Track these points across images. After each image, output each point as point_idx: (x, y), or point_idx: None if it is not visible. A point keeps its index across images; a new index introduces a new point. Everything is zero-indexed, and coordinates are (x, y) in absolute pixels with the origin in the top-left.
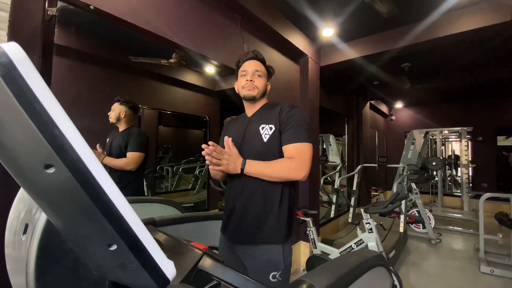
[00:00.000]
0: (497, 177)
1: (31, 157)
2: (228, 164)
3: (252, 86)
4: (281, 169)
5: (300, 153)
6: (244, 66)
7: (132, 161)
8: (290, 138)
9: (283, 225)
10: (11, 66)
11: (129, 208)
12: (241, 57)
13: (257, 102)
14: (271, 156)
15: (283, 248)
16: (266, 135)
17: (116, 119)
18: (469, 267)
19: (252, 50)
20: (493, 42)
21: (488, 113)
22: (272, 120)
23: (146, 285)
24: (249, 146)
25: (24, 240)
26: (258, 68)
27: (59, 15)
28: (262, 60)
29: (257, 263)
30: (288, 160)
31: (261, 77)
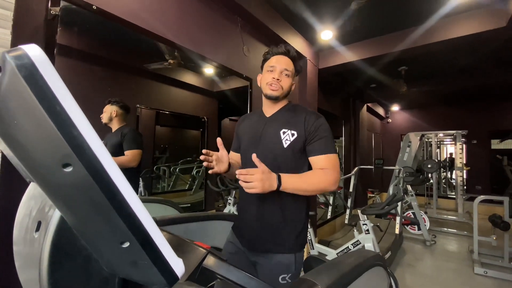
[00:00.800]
0: (491, 180)
1: (49, 156)
2: (263, 184)
3: (277, 86)
4: (317, 182)
5: (332, 164)
6: (272, 61)
7: (133, 158)
8: (321, 149)
9: (300, 235)
10: (33, 67)
11: (141, 206)
12: (271, 49)
13: (278, 102)
14: (288, 161)
15: (295, 256)
16: (287, 140)
17: (108, 119)
18: (463, 268)
19: (285, 45)
20: (489, 47)
21: (482, 116)
22: (296, 127)
23: (156, 282)
24: (266, 149)
25: (37, 237)
26: (288, 66)
27: (62, 15)
28: (293, 58)
29: (268, 267)
30: (323, 173)
31: (289, 77)
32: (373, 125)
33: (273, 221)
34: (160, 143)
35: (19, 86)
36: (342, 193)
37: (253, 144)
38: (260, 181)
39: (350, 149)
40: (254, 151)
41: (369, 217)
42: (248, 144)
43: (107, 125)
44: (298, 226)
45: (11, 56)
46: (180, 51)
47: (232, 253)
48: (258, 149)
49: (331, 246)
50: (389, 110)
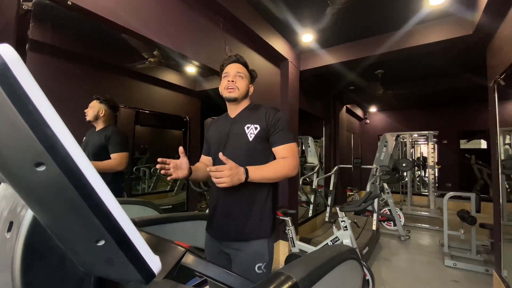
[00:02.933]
0: (460, 178)
1: (22, 155)
2: (232, 178)
3: (233, 88)
4: (280, 169)
5: (292, 152)
6: (226, 69)
7: (120, 162)
8: (281, 140)
9: (268, 220)
10: (5, 67)
11: (117, 205)
12: (224, 61)
13: (240, 104)
14: (256, 153)
15: (267, 241)
16: (251, 134)
17: (94, 117)
18: (434, 261)
19: (235, 54)
20: (458, 52)
21: (452, 118)
22: (258, 121)
23: (132, 279)
24: (234, 145)
25: (9, 237)
26: (240, 70)
27: (35, 10)
28: (244, 64)
29: (243, 256)
30: (284, 161)
31: (243, 78)
32: (352, 126)
33: (241, 209)
34: (140, 143)
35: None
36: (323, 192)
37: (221, 143)
38: (228, 176)
39: (330, 149)
40: (223, 150)
41: (348, 214)
42: (217, 145)
43: (91, 122)
44: (265, 212)
45: None
46: (160, 49)
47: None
48: (226, 147)
49: (312, 243)
50: (367, 111)
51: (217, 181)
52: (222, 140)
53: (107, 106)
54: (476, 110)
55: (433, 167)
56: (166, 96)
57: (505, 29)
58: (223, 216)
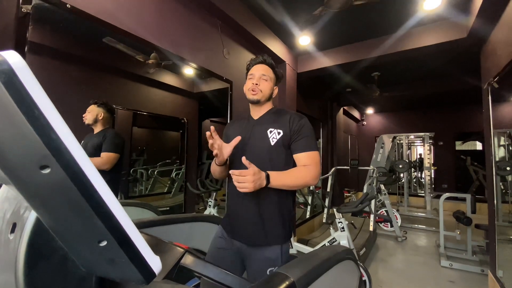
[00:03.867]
0: (455, 179)
1: (27, 158)
2: (255, 184)
3: (257, 90)
4: (301, 177)
5: (314, 161)
6: (252, 70)
7: (107, 161)
8: (304, 147)
9: (287, 227)
10: (12, 73)
11: (118, 206)
12: (251, 60)
13: (263, 106)
14: (277, 158)
15: (281, 247)
16: (274, 139)
17: (93, 121)
18: (431, 261)
19: (262, 55)
20: (453, 55)
21: (448, 120)
22: (281, 126)
23: (133, 279)
24: (255, 148)
25: (12, 238)
26: (265, 72)
27: (34, 13)
28: (270, 65)
29: (256, 261)
30: (305, 169)
31: (267, 81)
32: (349, 128)
33: (262, 213)
34: (137, 145)
35: None
36: (320, 193)
37: (242, 144)
38: (251, 182)
39: (327, 150)
40: (243, 151)
41: (345, 215)
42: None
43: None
44: (284, 218)
45: None
46: (158, 51)
47: (220, 248)
48: (247, 149)
49: (310, 244)
50: (364, 113)
51: (239, 186)
52: (243, 141)
53: (105, 110)
54: (471, 112)
55: (429, 169)
56: (163, 98)
57: (498, 33)
58: (244, 218)
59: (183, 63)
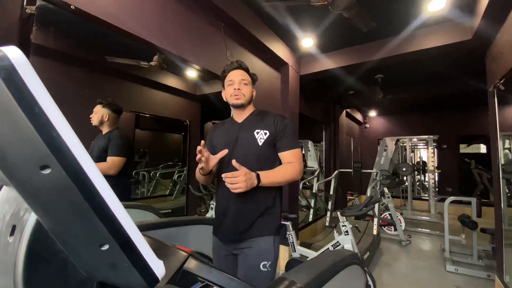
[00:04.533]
0: (460, 182)
1: (27, 158)
2: (247, 184)
3: (239, 95)
4: (288, 173)
5: (297, 157)
6: (230, 76)
7: (112, 166)
8: (288, 145)
9: (275, 219)
10: (12, 69)
11: (121, 209)
12: (226, 67)
13: (246, 109)
14: (266, 157)
15: (273, 239)
16: (261, 139)
17: (99, 122)
18: (436, 266)
19: (236, 60)
20: (457, 57)
21: (452, 122)
22: (267, 127)
23: (135, 284)
24: (244, 150)
25: (11, 241)
26: (243, 77)
27: (38, 14)
28: (246, 69)
29: (250, 254)
30: (291, 166)
31: (247, 85)
32: (352, 130)
33: (251, 210)
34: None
35: None
36: (323, 196)
37: (229, 147)
38: (244, 182)
39: (330, 153)
40: (232, 154)
41: (349, 218)
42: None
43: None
44: (273, 215)
45: None
46: (161, 53)
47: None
48: (235, 151)
49: (313, 248)
50: (366, 115)
51: (232, 187)
52: (230, 145)
53: (111, 110)
54: (476, 115)
55: (433, 172)
56: (166, 100)
57: (504, 34)
58: (233, 218)
59: (186, 65)
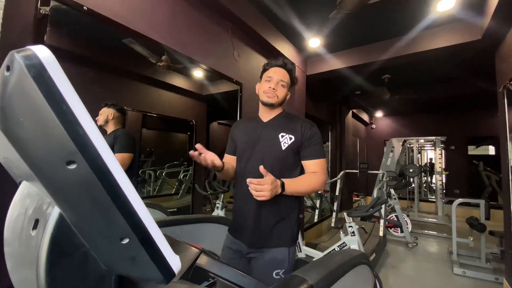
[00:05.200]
0: (468, 184)
1: (54, 153)
2: (272, 191)
3: (273, 94)
4: (312, 184)
5: (322, 168)
6: (270, 72)
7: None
8: (314, 154)
9: (293, 229)
10: (42, 68)
11: (141, 204)
12: (270, 61)
13: (274, 109)
14: (285, 162)
15: (289, 250)
16: (285, 143)
17: (104, 121)
18: (443, 269)
19: (283, 58)
20: (465, 58)
21: (460, 123)
22: (293, 132)
23: (153, 278)
24: (265, 150)
25: (34, 235)
26: (284, 78)
27: (51, 15)
28: (289, 70)
29: (263, 261)
30: (316, 176)
31: (284, 87)
32: (358, 131)
33: (269, 218)
34: (146, 146)
35: (28, 85)
36: (328, 197)
37: (250, 146)
38: (269, 191)
39: (336, 154)
40: (252, 153)
41: (355, 219)
42: (245, 146)
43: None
44: (291, 222)
45: (20, 56)
46: (169, 53)
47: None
48: (255, 151)
49: (318, 248)
50: (373, 116)
51: (257, 194)
52: (252, 143)
53: (115, 110)
54: (485, 116)
55: (440, 173)
56: (173, 100)
57: None
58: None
59: (194, 65)
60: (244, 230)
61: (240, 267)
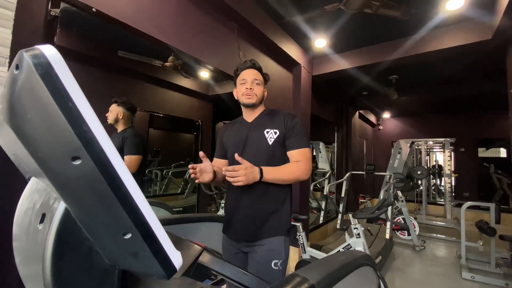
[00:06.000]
0: (478, 187)
1: (60, 149)
2: (247, 177)
3: (251, 94)
4: (293, 172)
5: (305, 157)
6: (243, 75)
7: (131, 165)
8: (296, 144)
9: (285, 220)
10: (49, 66)
11: (144, 200)
12: (239, 66)
13: (256, 108)
14: (276, 156)
15: (284, 240)
16: (271, 138)
17: (114, 120)
18: (451, 273)
19: (250, 60)
20: (475, 58)
21: (470, 125)
22: (276, 126)
23: (155, 273)
24: (254, 149)
25: (41, 228)
26: (256, 76)
27: (61, 16)
28: (259, 69)
29: (261, 252)
30: (297, 164)
31: (259, 85)
32: (365, 132)
33: (261, 210)
34: (153, 146)
35: (35, 83)
36: (334, 198)
37: (240, 147)
38: (244, 175)
39: (342, 155)
40: (242, 153)
41: (360, 221)
42: (235, 148)
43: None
44: (283, 213)
45: (28, 55)
46: (176, 54)
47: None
48: (245, 150)
49: (323, 250)
50: (380, 117)
51: (233, 180)
52: (240, 144)
53: (125, 108)
54: (495, 117)
55: (449, 176)
56: (179, 100)
57: None
58: (243, 217)
59: (200, 65)
60: (238, 227)
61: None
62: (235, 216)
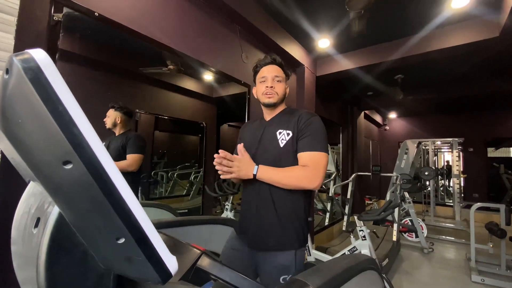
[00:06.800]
0: (488, 188)
1: (51, 153)
2: (239, 171)
3: (272, 93)
4: (292, 176)
5: (314, 162)
6: (262, 72)
7: (133, 163)
8: (306, 146)
9: (300, 233)
10: (38, 70)
11: (137, 204)
12: (259, 62)
13: (277, 107)
14: (287, 161)
15: (295, 253)
16: (283, 140)
17: (112, 124)
18: (460, 276)
19: (270, 55)
20: (483, 56)
21: (478, 125)
22: (290, 126)
23: (150, 278)
24: (265, 149)
25: (35, 233)
26: (278, 73)
27: (64, 21)
28: (280, 64)
29: (269, 266)
30: (300, 168)
31: (281, 82)
32: (370, 132)
33: (270, 218)
34: (158, 148)
35: (25, 87)
36: (340, 200)
37: (253, 146)
38: (236, 167)
39: (347, 156)
40: (254, 153)
41: (367, 223)
42: (248, 146)
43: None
44: (297, 223)
45: (18, 60)
46: (180, 57)
47: (234, 249)
48: (257, 151)
49: (328, 252)
50: (386, 117)
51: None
52: (254, 143)
53: (122, 113)
54: (505, 116)
55: (458, 176)
56: (184, 103)
57: None
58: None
59: (203, 68)
60: (248, 230)
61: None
62: (246, 217)
